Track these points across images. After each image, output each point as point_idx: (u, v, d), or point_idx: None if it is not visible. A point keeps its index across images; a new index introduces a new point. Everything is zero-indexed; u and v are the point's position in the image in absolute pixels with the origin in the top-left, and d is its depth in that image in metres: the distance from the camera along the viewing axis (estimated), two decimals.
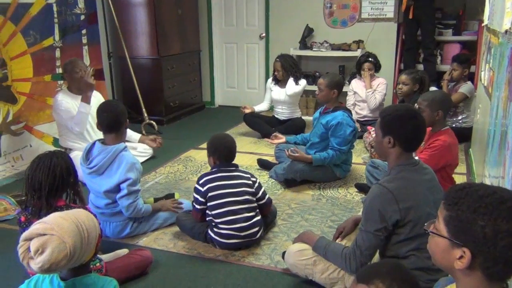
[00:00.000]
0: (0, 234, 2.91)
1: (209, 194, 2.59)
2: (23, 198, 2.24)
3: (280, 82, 4.87)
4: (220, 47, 6.43)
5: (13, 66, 4.00)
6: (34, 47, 4.19)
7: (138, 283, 2.36)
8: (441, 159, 2.87)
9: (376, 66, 4.85)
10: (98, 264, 2.18)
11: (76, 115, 3.64)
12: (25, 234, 1.44)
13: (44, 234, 1.40)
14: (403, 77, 4.10)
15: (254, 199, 2.68)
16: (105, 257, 2.37)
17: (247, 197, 2.63)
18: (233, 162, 2.75)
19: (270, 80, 5.01)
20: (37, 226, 1.43)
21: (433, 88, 4.35)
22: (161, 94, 5.50)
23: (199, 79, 6.35)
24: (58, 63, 4.45)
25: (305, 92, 5.35)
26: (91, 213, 2.12)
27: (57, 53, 4.45)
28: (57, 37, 4.43)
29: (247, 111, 4.92)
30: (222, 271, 2.47)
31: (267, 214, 2.83)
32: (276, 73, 4.81)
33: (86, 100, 3.66)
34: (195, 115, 6.09)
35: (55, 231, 1.39)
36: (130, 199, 2.67)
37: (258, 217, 2.68)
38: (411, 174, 2.01)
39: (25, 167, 3.53)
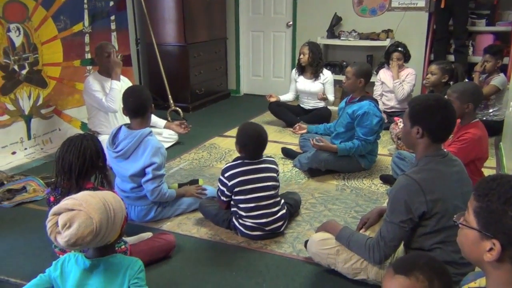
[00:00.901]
0: (28, 214, 2.99)
1: (236, 189, 2.57)
2: (52, 180, 2.29)
3: (304, 72, 4.81)
4: (246, 35, 6.41)
5: (44, 51, 4.08)
6: (64, 32, 4.26)
7: (161, 267, 2.39)
8: (470, 152, 2.80)
9: (406, 56, 4.75)
10: (123, 246, 2.22)
11: (109, 92, 3.73)
12: (54, 209, 1.47)
13: (72, 209, 1.42)
14: (432, 67, 4.01)
15: (278, 190, 2.67)
16: (130, 239, 2.41)
17: (273, 192, 2.61)
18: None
19: (294, 71, 4.95)
20: (66, 202, 1.46)
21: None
22: (187, 81, 5.53)
23: (225, 67, 6.35)
24: (87, 48, 4.51)
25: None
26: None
27: (86, 39, 4.51)
28: (86, 22, 4.48)
29: (272, 99, 4.89)
30: (244, 258, 2.48)
31: None
32: (301, 56, 4.72)
33: (116, 77, 3.76)
34: (220, 103, 6.10)
35: (83, 207, 1.42)
36: (155, 183, 2.70)
37: (283, 211, 2.66)
38: (439, 165, 1.97)
39: (53, 150, 3.63)
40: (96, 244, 1.50)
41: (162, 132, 4.16)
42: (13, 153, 3.89)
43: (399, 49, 4.72)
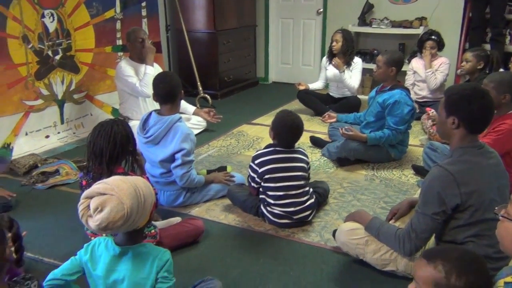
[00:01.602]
0: (61, 197, 3.06)
1: (265, 177, 2.56)
2: (84, 164, 2.33)
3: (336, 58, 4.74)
4: (276, 23, 6.35)
5: (76, 37, 4.15)
6: (97, 18, 4.31)
7: (190, 251, 2.42)
8: (506, 144, 2.71)
9: (439, 45, 4.62)
10: (152, 231, 2.24)
11: (143, 77, 3.79)
12: (86, 192, 1.49)
13: (104, 194, 1.44)
14: (467, 54, 3.89)
15: (308, 181, 2.65)
16: (159, 224, 2.44)
17: (302, 182, 2.60)
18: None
19: (324, 58, 4.87)
20: (98, 186, 1.48)
21: (500, 70, 4.10)
22: (216, 69, 5.53)
23: (253, 54, 6.32)
24: (118, 35, 4.56)
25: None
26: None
27: (118, 25, 4.55)
28: (118, 9, 4.53)
29: (301, 87, 4.85)
30: (272, 245, 2.48)
31: None
32: (333, 44, 4.65)
33: (150, 62, 3.83)
34: (248, 90, 6.09)
35: (114, 191, 1.43)
36: (184, 169, 2.72)
37: (312, 200, 2.65)
38: (475, 157, 1.91)
39: (85, 134, 3.69)
40: (126, 228, 1.51)
41: (191, 118, 4.18)
42: (47, 136, 3.99)
43: (433, 37, 4.60)
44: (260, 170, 2.57)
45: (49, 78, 3.96)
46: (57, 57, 4.00)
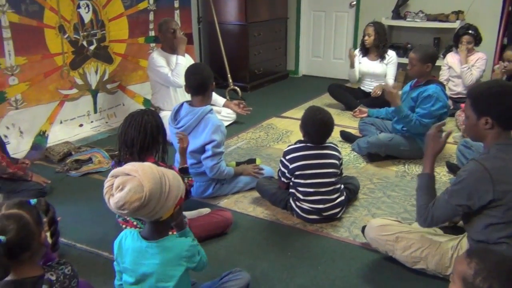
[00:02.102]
0: (94, 184, 3.13)
1: (296, 173, 2.55)
2: (116, 152, 2.36)
3: (368, 53, 4.67)
4: (307, 15, 6.29)
5: (110, 28, 4.21)
6: (130, 9, 4.36)
7: (218, 242, 2.44)
8: None
9: (476, 40, 4.48)
10: None
11: (175, 68, 3.82)
12: (113, 171, 1.50)
13: (128, 174, 1.45)
14: (509, 53, 3.76)
15: (339, 178, 2.63)
16: (189, 214, 2.47)
17: (333, 179, 2.57)
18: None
19: (357, 51, 4.80)
20: (125, 166, 1.49)
21: None
22: (246, 61, 5.53)
23: (284, 47, 6.29)
24: (151, 26, 4.61)
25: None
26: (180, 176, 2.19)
27: (151, 16, 4.60)
28: (151, 0, 4.57)
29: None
30: (300, 239, 2.47)
31: None
32: (366, 38, 4.57)
33: (182, 53, 3.86)
34: (278, 83, 6.06)
35: (138, 173, 1.44)
36: (214, 160, 2.73)
37: (342, 198, 2.62)
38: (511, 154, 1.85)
39: (117, 124, 3.75)
40: (146, 216, 1.51)
41: (221, 110, 4.20)
42: (80, 125, 4.08)
43: (470, 32, 4.46)
44: (291, 166, 2.56)
45: (83, 68, 4.04)
46: (92, 47, 4.08)
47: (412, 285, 2.10)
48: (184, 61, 3.77)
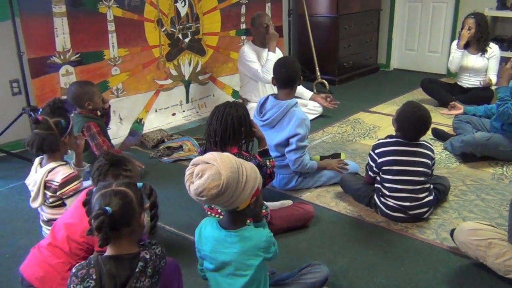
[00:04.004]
0: (183, 170, 3.23)
1: (384, 168, 2.49)
2: (204, 141, 2.46)
3: (468, 46, 4.37)
4: (403, 6, 6.04)
5: (204, 21, 4.37)
6: (224, 3, 4.49)
7: (299, 235, 2.45)
8: None
9: None
10: (264, 211, 2.31)
11: (265, 63, 3.88)
12: (194, 160, 1.58)
13: (208, 163, 1.52)
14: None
15: (429, 178, 2.52)
16: (271, 205, 2.51)
17: (422, 178, 2.47)
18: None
19: (455, 43, 4.51)
20: (206, 155, 1.56)
21: None
22: (336, 54, 5.45)
23: (376, 39, 6.10)
24: (242, 19, 4.71)
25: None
26: (261, 165, 2.22)
27: (243, 10, 4.70)
28: None
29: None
30: (383, 238, 2.41)
31: None
32: (465, 31, 4.28)
33: (273, 49, 3.90)
34: (368, 77, 5.91)
35: (217, 162, 1.50)
36: (298, 154, 2.75)
37: (431, 198, 2.51)
38: None
39: (207, 114, 3.87)
40: (224, 205, 1.55)
41: (307, 103, 4.19)
42: (173, 114, 4.30)
43: None
44: (379, 160, 2.50)
45: (178, 60, 4.25)
46: (186, 40, 4.27)
47: None
48: (275, 58, 3.80)
